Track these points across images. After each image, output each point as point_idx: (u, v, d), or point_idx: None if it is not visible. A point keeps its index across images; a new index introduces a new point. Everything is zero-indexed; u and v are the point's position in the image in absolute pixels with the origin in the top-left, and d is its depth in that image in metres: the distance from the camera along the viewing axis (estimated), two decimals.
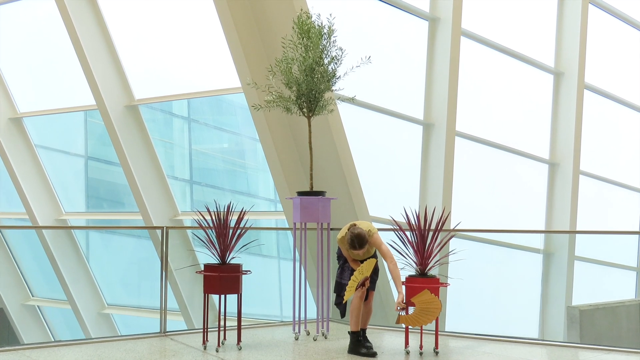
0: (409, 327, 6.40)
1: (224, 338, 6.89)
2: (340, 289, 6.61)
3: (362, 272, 6.25)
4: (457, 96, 10.68)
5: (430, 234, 6.54)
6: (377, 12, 10.64)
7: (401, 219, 6.63)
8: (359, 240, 6.28)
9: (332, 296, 7.38)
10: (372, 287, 6.59)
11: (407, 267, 6.54)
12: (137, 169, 11.97)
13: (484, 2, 11.65)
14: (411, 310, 6.29)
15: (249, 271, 6.83)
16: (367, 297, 6.58)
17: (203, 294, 6.80)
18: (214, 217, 6.73)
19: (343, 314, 6.68)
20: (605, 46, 13.98)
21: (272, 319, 9.99)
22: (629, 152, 14.70)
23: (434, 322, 6.51)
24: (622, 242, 11.44)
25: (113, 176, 13.67)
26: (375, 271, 6.60)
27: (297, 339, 7.23)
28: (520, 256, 10.48)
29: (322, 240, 7.33)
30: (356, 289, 6.28)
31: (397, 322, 6.33)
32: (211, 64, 11.52)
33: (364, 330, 6.61)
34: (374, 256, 6.63)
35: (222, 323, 6.85)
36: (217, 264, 6.75)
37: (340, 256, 6.68)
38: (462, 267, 7.13)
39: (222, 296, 6.72)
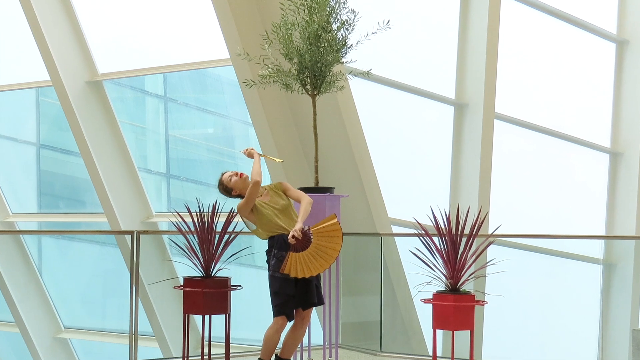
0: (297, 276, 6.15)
1: None
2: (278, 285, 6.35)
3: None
4: (496, 70, 10.66)
5: (464, 240, 6.53)
6: None
7: (427, 222, 6.62)
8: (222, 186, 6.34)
9: (342, 318, 7.37)
10: (319, 300, 6.34)
11: (434, 281, 6.53)
12: (101, 160, 11.97)
13: None
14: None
15: (240, 286, 6.83)
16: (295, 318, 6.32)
17: (183, 315, 6.80)
18: (196, 220, 6.73)
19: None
20: None
21: None
22: None
23: (467, 349, 6.50)
24: None
25: (71, 169, 13.68)
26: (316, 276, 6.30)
27: None
28: (574, 267, 10.48)
29: None
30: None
31: (282, 269, 6.13)
32: (193, 30, 11.51)
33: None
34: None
35: (206, 350, 6.85)
36: (200, 277, 6.75)
37: (271, 247, 6.37)
38: (503, 281, 7.12)
39: (207, 317, 6.72)
